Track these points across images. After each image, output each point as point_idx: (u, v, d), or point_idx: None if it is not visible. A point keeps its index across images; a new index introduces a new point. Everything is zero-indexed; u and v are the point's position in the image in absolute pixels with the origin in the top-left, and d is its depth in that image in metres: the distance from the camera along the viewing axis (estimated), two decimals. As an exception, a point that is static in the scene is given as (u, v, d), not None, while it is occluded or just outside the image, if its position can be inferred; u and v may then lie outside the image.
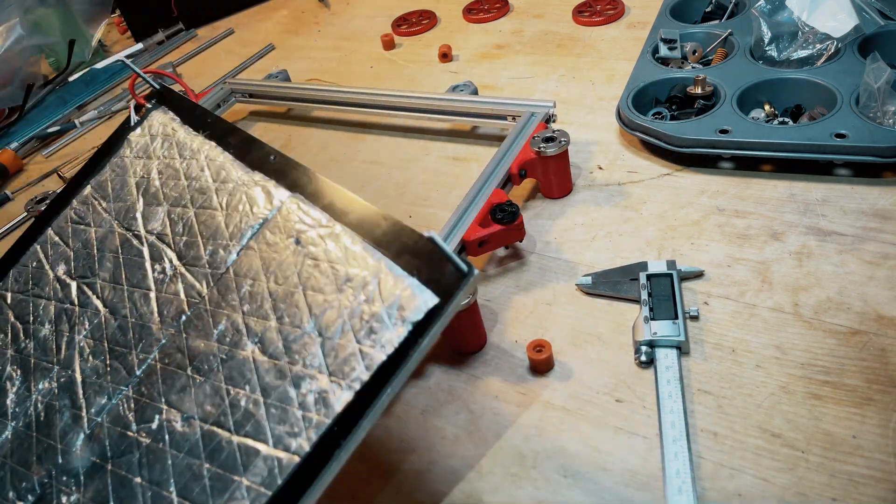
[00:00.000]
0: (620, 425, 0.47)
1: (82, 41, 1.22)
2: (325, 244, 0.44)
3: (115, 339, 0.50)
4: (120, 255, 0.54)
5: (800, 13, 0.73)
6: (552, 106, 0.71)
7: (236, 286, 0.46)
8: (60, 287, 0.55)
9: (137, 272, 0.52)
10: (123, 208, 0.57)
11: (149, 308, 0.50)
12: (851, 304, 0.51)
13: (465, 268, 0.36)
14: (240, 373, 0.42)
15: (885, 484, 0.40)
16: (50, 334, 0.53)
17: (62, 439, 0.46)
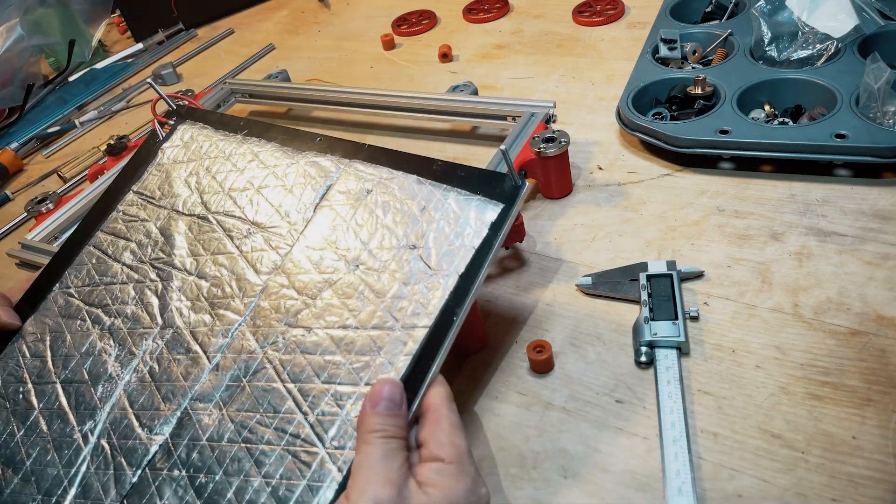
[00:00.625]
0: (620, 426, 0.47)
1: (82, 41, 1.22)
2: (393, 189, 0.49)
3: (212, 295, 0.51)
4: (191, 234, 0.55)
5: (800, 13, 0.73)
6: (552, 106, 0.71)
7: (321, 231, 0.50)
8: (133, 271, 0.55)
9: (215, 243, 0.54)
10: (179, 200, 0.58)
11: (239, 265, 0.51)
12: (851, 304, 0.51)
13: (520, 181, 0.45)
14: (352, 288, 0.46)
15: (884, 485, 0.41)
16: (137, 308, 0.53)
17: (186, 378, 0.47)
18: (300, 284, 0.48)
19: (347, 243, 0.48)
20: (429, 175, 0.49)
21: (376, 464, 0.37)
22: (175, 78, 1.14)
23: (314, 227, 0.51)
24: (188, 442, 0.44)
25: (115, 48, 1.35)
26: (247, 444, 0.43)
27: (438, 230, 0.46)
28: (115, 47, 1.35)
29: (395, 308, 0.44)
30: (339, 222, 0.50)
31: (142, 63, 1.23)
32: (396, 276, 0.45)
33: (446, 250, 0.45)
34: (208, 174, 0.58)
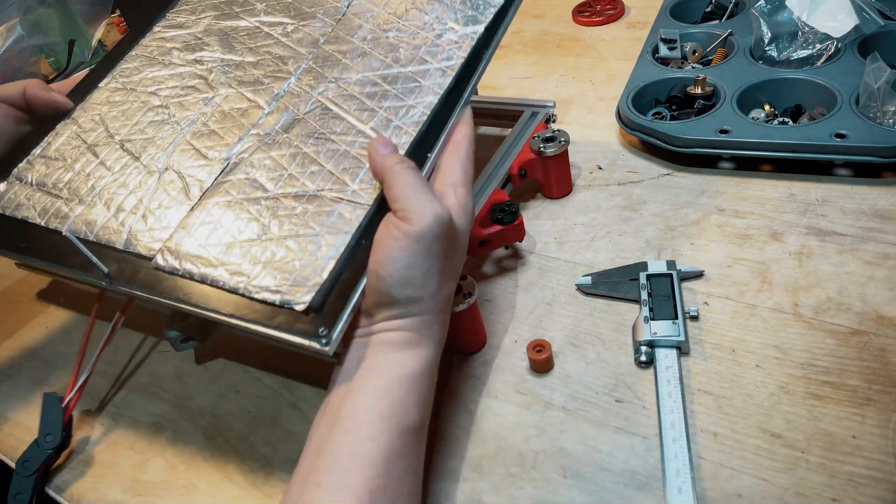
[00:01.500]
0: (620, 425, 0.47)
1: (82, 41, 1.22)
2: None
3: (260, 67, 0.58)
4: (226, 36, 0.62)
5: (800, 13, 0.73)
6: (552, 106, 0.71)
7: (358, 16, 0.59)
8: (179, 66, 0.62)
9: (253, 45, 0.60)
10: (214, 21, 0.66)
11: (284, 48, 0.59)
12: (851, 304, 0.51)
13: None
14: (390, 49, 0.55)
15: (884, 484, 0.40)
16: (187, 88, 0.59)
17: (244, 116, 0.54)
18: (342, 48, 0.56)
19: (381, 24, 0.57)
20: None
21: (421, 189, 0.42)
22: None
23: (350, 17, 0.59)
24: (257, 157, 0.51)
25: (115, 48, 1.35)
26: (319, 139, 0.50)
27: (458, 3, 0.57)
28: (115, 47, 1.35)
29: (429, 53, 0.54)
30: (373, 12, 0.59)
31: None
32: (430, 37, 0.55)
33: (468, 14, 0.56)
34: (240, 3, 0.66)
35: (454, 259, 0.43)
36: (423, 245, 0.40)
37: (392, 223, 0.41)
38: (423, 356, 0.42)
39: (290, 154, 0.50)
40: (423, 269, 0.40)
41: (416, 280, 0.40)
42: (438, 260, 0.41)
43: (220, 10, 0.66)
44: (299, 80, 0.55)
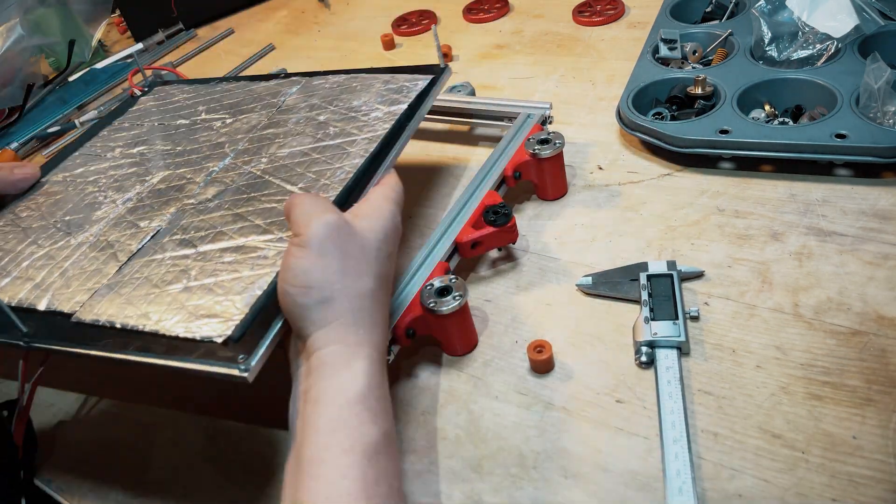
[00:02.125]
0: (621, 426, 0.47)
1: (82, 41, 1.22)
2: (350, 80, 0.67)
3: (196, 154, 0.62)
4: (171, 131, 0.67)
5: (800, 13, 0.73)
6: (548, 108, 0.71)
7: (292, 108, 0.65)
8: (121, 157, 0.67)
9: (196, 133, 0.65)
10: (154, 121, 0.71)
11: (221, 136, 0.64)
12: (852, 304, 0.51)
13: (443, 65, 0.65)
14: (320, 127, 0.60)
15: (885, 485, 0.41)
16: (127, 176, 0.64)
17: (180, 191, 0.59)
18: (279, 125, 0.61)
19: (314, 111, 0.63)
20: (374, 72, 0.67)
21: (312, 205, 0.44)
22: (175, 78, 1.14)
23: (286, 108, 0.65)
24: (184, 224, 0.54)
25: (115, 48, 1.35)
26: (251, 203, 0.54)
27: (387, 92, 0.62)
28: (115, 47, 1.35)
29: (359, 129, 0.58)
30: (307, 105, 0.64)
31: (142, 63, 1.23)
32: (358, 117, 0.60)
33: (394, 99, 0.61)
34: (188, 103, 0.72)
35: (357, 259, 0.43)
36: (314, 249, 0.42)
37: (288, 243, 0.44)
38: (361, 370, 0.41)
39: (220, 215, 0.53)
40: (321, 270, 0.42)
41: (317, 282, 0.41)
42: (336, 259, 0.42)
43: (164, 114, 0.73)
44: (234, 158, 0.60)
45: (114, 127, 0.74)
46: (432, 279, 0.53)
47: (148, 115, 0.74)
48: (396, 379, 0.54)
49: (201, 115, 0.69)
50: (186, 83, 0.78)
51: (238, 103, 0.69)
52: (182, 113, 0.71)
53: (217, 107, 0.69)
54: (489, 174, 0.64)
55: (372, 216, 0.47)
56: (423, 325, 0.52)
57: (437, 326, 0.52)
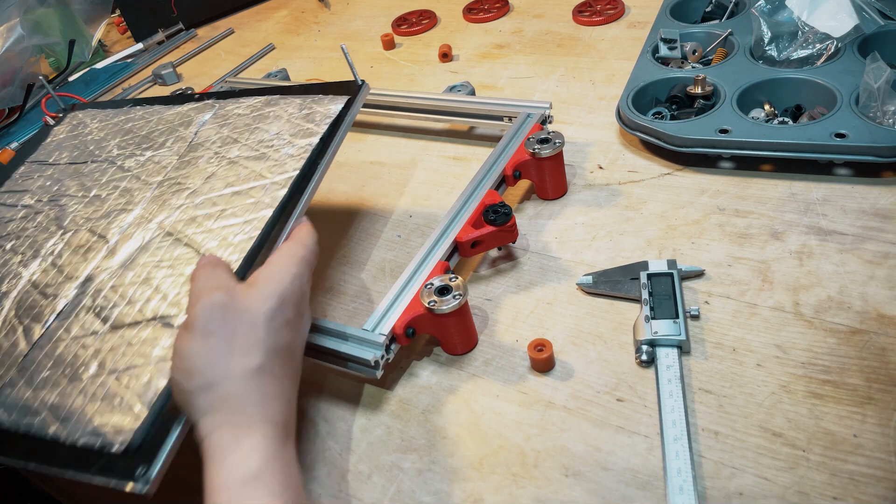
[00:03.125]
0: (621, 424, 0.47)
1: (82, 41, 1.22)
2: (262, 107, 0.63)
3: (106, 204, 0.59)
4: (83, 173, 0.64)
5: (800, 13, 0.73)
6: (548, 107, 0.71)
7: (203, 145, 0.61)
8: (28, 209, 0.64)
9: (107, 174, 0.63)
10: (69, 157, 0.68)
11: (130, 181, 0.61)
12: (852, 303, 0.51)
13: (360, 81, 0.60)
14: (233, 165, 0.57)
15: (885, 483, 0.41)
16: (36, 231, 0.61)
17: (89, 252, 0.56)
18: (188, 180, 0.58)
19: (227, 146, 0.60)
20: (288, 93, 0.63)
21: (204, 282, 0.43)
22: (175, 78, 1.14)
23: (198, 141, 0.61)
24: (93, 293, 0.52)
25: (115, 48, 1.35)
26: (146, 281, 0.50)
27: (300, 120, 0.59)
28: (115, 47, 1.35)
29: (272, 169, 0.55)
30: (218, 136, 0.61)
31: (142, 63, 1.23)
32: (268, 154, 0.57)
33: (307, 130, 0.57)
34: (99, 134, 0.69)
35: (245, 336, 0.41)
36: (198, 331, 0.40)
37: None
38: (253, 448, 0.39)
39: (129, 283, 0.51)
40: (205, 354, 0.40)
41: (199, 367, 0.40)
42: (221, 339, 0.40)
43: (75, 149, 0.69)
44: (145, 209, 0.57)
45: (27, 168, 0.70)
46: (432, 278, 0.53)
47: (60, 149, 0.70)
48: (396, 378, 0.54)
49: (113, 150, 0.66)
50: (100, 108, 0.74)
51: (150, 135, 0.66)
52: (92, 150, 0.67)
53: (129, 140, 0.66)
54: (489, 173, 0.64)
55: (268, 283, 0.43)
56: (423, 324, 0.52)
57: (437, 325, 0.52)
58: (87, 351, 0.47)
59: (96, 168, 0.64)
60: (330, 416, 0.53)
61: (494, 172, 0.64)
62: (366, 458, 0.49)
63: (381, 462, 0.49)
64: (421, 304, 0.51)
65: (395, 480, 0.48)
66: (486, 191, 0.62)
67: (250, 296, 0.42)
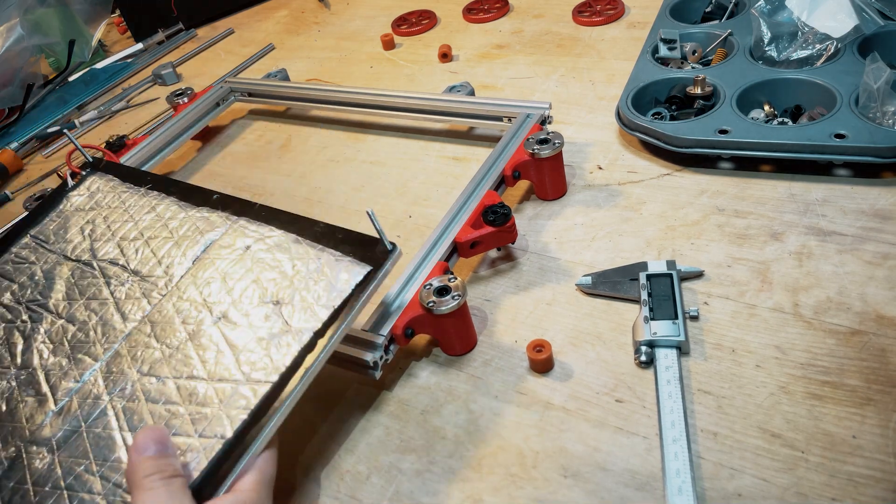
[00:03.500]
0: (620, 425, 0.47)
1: (82, 41, 1.22)
2: (271, 247, 0.52)
3: (75, 339, 0.52)
4: (72, 279, 0.57)
5: (799, 13, 0.73)
6: (548, 107, 0.71)
7: (195, 283, 0.52)
8: (8, 311, 0.57)
9: (92, 288, 0.55)
10: (69, 247, 0.60)
11: (109, 312, 0.52)
12: (851, 304, 0.51)
13: (389, 246, 0.48)
14: (211, 340, 0.47)
15: (884, 484, 0.40)
16: (2, 348, 0.54)
17: (28, 420, 0.48)
18: (162, 334, 0.49)
19: (217, 297, 0.50)
20: (308, 235, 0.51)
21: (160, 495, 0.36)
22: (175, 78, 1.14)
23: (190, 278, 0.52)
24: (14, 485, 0.44)
25: (115, 48, 1.35)
26: (69, 490, 0.42)
27: (305, 288, 0.47)
28: (115, 47, 1.35)
29: (245, 362, 0.45)
30: (215, 275, 0.51)
31: (142, 63, 1.23)
32: (255, 332, 0.46)
33: (308, 307, 0.46)
34: (104, 222, 0.61)
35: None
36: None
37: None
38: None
39: (46, 491, 0.43)
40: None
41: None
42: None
43: (78, 240, 0.61)
44: (106, 364, 0.49)
45: (28, 243, 0.63)
46: (431, 279, 0.53)
47: (66, 229, 0.63)
48: (395, 379, 0.54)
49: (109, 253, 0.58)
50: (119, 177, 0.66)
51: (150, 241, 0.57)
52: (93, 245, 0.59)
53: (128, 246, 0.58)
54: (488, 174, 0.64)
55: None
56: (422, 325, 0.52)
57: (436, 326, 0.52)
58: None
59: (88, 276, 0.56)
60: (329, 416, 0.53)
61: (494, 173, 0.64)
62: (364, 459, 0.49)
63: (380, 462, 0.49)
64: (420, 305, 0.51)
65: (394, 481, 0.48)
66: (485, 191, 0.62)
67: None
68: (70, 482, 0.43)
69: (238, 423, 0.41)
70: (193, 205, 0.59)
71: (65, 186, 0.68)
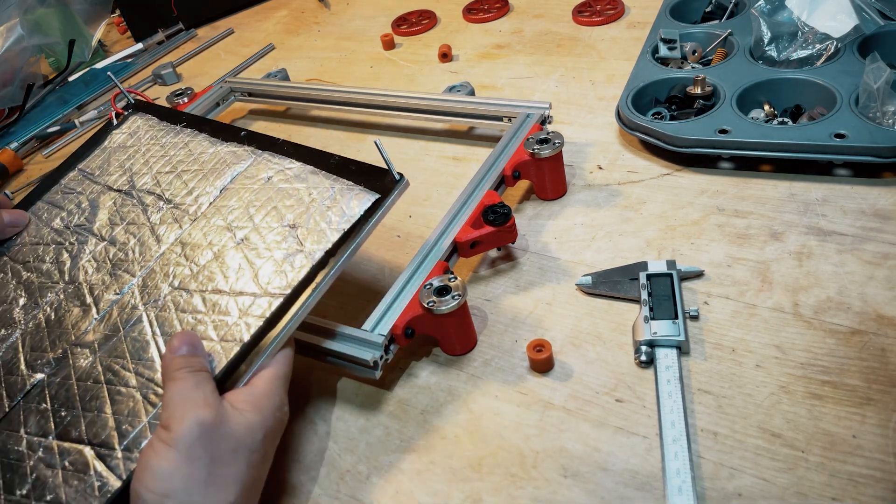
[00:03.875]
0: (620, 425, 0.47)
1: (82, 41, 1.22)
2: (290, 177, 0.57)
3: (116, 258, 0.58)
4: (114, 206, 0.64)
5: (799, 13, 0.73)
6: (548, 107, 0.71)
7: (221, 210, 0.57)
8: (57, 234, 0.64)
9: (131, 215, 0.62)
10: (112, 178, 0.67)
11: (145, 234, 0.59)
12: (851, 303, 0.51)
13: (397, 176, 0.52)
14: (234, 260, 0.52)
15: (884, 484, 0.41)
16: (52, 265, 0.61)
17: (74, 327, 0.54)
18: (191, 254, 0.54)
19: (240, 222, 0.55)
20: (324, 167, 0.56)
21: (190, 392, 0.41)
22: (175, 78, 1.14)
23: (216, 206, 0.58)
24: (61, 380, 0.50)
25: (115, 48, 1.35)
26: (108, 384, 0.48)
27: (319, 213, 0.52)
28: (115, 47, 1.35)
29: (263, 278, 0.50)
30: (239, 203, 0.57)
31: (142, 63, 1.23)
32: (272, 252, 0.51)
33: (320, 231, 0.51)
34: (143, 157, 0.67)
35: (228, 467, 0.40)
36: (182, 451, 0.38)
37: (154, 434, 0.40)
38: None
39: (92, 380, 0.49)
40: (184, 478, 0.38)
41: (176, 491, 0.37)
42: (203, 465, 0.38)
43: (120, 171, 0.67)
44: (142, 280, 0.54)
45: (76, 175, 0.70)
46: (431, 278, 0.53)
47: (110, 163, 0.69)
48: (395, 378, 0.54)
49: (147, 183, 0.63)
50: (158, 116, 0.72)
51: (182, 174, 0.62)
52: (133, 176, 0.65)
53: (164, 174, 0.63)
54: (488, 174, 0.64)
55: (254, 411, 0.42)
56: (423, 325, 0.52)
57: (436, 326, 0.52)
58: (29, 460, 0.46)
59: (128, 204, 0.62)
60: (329, 416, 0.53)
61: (494, 173, 0.64)
62: (365, 459, 0.49)
63: (380, 462, 0.49)
64: (420, 305, 0.51)
65: (394, 481, 0.48)
66: (485, 191, 0.62)
67: (237, 423, 0.41)
68: (109, 377, 0.48)
69: (254, 329, 0.46)
70: (222, 140, 0.64)
71: (109, 125, 0.74)
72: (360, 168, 0.54)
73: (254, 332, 0.46)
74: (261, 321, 0.47)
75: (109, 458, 0.44)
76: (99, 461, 0.44)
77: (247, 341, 0.46)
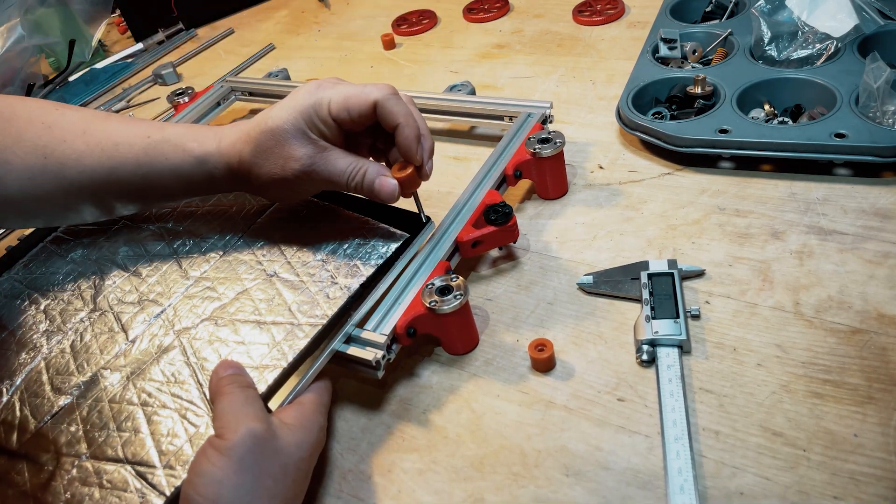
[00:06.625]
0: (622, 424, 0.47)
1: (82, 41, 1.22)
2: (323, 213, 0.59)
3: (141, 290, 0.58)
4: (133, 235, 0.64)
5: (800, 13, 0.73)
6: (549, 107, 0.71)
7: (250, 245, 0.59)
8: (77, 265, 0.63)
9: (157, 247, 0.62)
10: None
11: (172, 266, 0.59)
12: (852, 302, 0.51)
13: (425, 219, 0.57)
14: (265, 292, 0.54)
15: (886, 482, 0.41)
16: (72, 294, 0.61)
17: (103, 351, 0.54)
18: (221, 286, 0.56)
19: (272, 256, 0.57)
20: (356, 209, 0.59)
21: (241, 406, 0.42)
22: (175, 78, 1.14)
23: (246, 241, 0.59)
24: (91, 402, 0.50)
25: (115, 48, 1.35)
26: (144, 406, 0.49)
27: (353, 251, 0.55)
28: (115, 47, 1.35)
29: (297, 308, 0.52)
30: (268, 239, 0.58)
31: (142, 63, 1.23)
32: (306, 284, 0.53)
33: (352, 265, 0.54)
34: None
35: (275, 480, 0.41)
36: (235, 460, 0.39)
37: (207, 441, 0.41)
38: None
39: (127, 402, 0.49)
40: (235, 488, 0.39)
41: (226, 498, 0.38)
42: (254, 476, 0.39)
43: None
44: (174, 308, 0.55)
45: None
46: (433, 278, 0.53)
47: None
48: (397, 378, 0.54)
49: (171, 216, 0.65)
50: None
51: (205, 214, 0.64)
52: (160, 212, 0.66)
53: (193, 208, 0.65)
54: (490, 173, 0.64)
55: (301, 429, 0.44)
56: (424, 324, 0.52)
57: (438, 325, 0.52)
58: (62, 479, 0.46)
59: (150, 235, 0.63)
60: (331, 415, 0.53)
61: (495, 172, 0.64)
62: (367, 458, 0.50)
63: (382, 462, 0.49)
64: (422, 304, 0.51)
65: (396, 480, 0.48)
66: (486, 190, 0.62)
67: (286, 438, 0.42)
68: (144, 398, 0.49)
69: (293, 355, 0.48)
70: None
71: None
72: (391, 211, 0.57)
73: (293, 358, 0.48)
74: (300, 346, 0.48)
75: (151, 476, 0.44)
76: (139, 479, 0.44)
77: (285, 367, 0.47)
